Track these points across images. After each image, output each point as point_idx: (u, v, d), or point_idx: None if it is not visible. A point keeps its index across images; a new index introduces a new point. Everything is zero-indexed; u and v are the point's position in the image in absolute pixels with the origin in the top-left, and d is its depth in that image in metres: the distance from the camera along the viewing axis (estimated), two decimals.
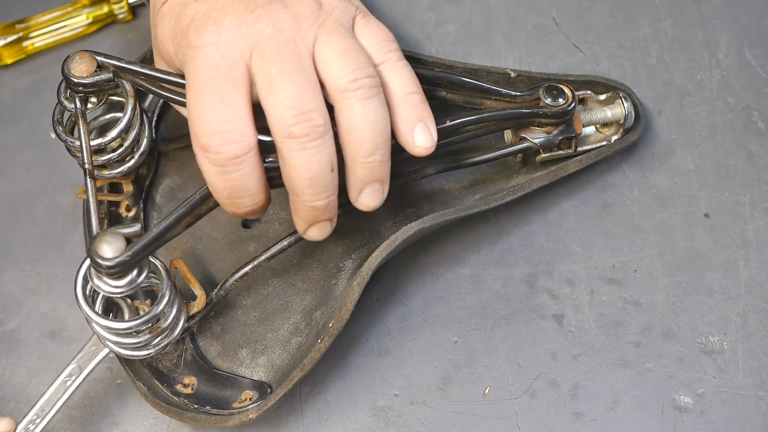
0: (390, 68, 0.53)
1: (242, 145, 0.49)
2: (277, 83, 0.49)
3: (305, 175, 0.50)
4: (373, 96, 0.51)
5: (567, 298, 0.61)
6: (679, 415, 0.57)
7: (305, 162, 0.50)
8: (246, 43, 0.50)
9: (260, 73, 0.50)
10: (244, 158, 0.50)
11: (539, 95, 0.59)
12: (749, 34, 0.67)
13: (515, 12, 0.69)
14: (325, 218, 0.53)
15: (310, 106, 0.49)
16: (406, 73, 0.53)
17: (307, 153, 0.49)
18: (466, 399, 0.58)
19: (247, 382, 0.58)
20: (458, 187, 0.63)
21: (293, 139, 0.49)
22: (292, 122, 0.49)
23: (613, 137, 0.63)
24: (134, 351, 0.55)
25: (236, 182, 0.50)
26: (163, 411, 0.56)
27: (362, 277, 0.55)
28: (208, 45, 0.50)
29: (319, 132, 0.50)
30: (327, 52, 0.51)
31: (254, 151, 0.50)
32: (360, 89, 0.50)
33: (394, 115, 0.53)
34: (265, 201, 0.52)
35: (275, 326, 0.59)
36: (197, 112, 0.50)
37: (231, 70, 0.50)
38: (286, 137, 0.49)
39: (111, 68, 0.56)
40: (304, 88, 0.50)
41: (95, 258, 0.49)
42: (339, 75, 0.50)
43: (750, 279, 0.61)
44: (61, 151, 0.61)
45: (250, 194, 0.51)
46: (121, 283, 0.51)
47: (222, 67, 0.50)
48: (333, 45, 0.51)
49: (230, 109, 0.49)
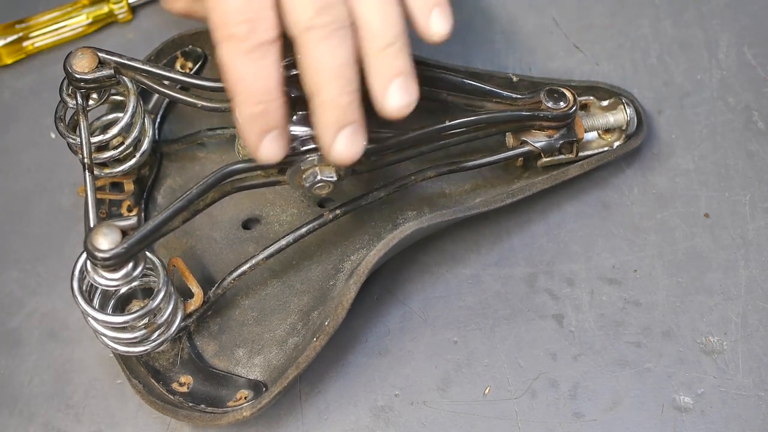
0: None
1: (271, 33, 0.48)
2: None
3: (331, 64, 0.48)
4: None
5: (567, 298, 0.61)
6: (679, 415, 0.57)
7: (331, 50, 0.48)
8: None
9: None
10: (271, 46, 0.48)
11: (540, 98, 0.59)
12: (749, 34, 0.67)
13: (515, 12, 0.69)
14: (353, 119, 0.49)
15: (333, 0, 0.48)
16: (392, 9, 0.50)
17: (332, 41, 0.48)
18: (466, 399, 0.58)
19: (242, 381, 0.58)
20: (459, 191, 0.63)
21: (316, 29, 0.48)
22: (313, 14, 0.48)
23: (615, 143, 0.63)
24: (130, 347, 0.55)
25: (260, 71, 0.48)
26: (158, 409, 0.56)
27: (359, 275, 0.55)
28: None
29: (342, 22, 0.48)
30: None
31: (279, 45, 0.49)
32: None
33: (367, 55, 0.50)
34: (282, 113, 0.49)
35: (272, 326, 0.59)
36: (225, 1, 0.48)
37: None
38: (309, 29, 0.48)
39: (112, 64, 0.56)
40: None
41: (91, 249, 0.50)
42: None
43: (750, 279, 0.61)
44: (61, 151, 0.61)
45: (269, 91, 0.49)
46: (116, 276, 0.51)
47: None
48: None
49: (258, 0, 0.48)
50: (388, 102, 0.50)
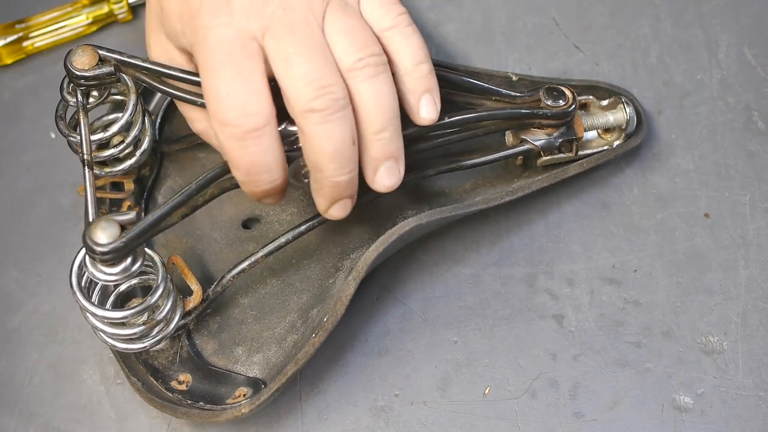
0: (400, 34, 0.53)
1: (261, 117, 0.49)
2: (294, 61, 0.50)
3: (328, 148, 0.50)
4: (379, 74, 0.51)
5: (567, 298, 0.61)
6: (679, 415, 0.57)
7: (328, 135, 0.50)
8: (258, 25, 0.50)
9: (275, 52, 0.50)
10: (263, 131, 0.50)
11: (539, 96, 0.59)
12: (749, 34, 0.67)
13: (515, 12, 0.69)
14: (348, 195, 0.53)
15: (330, 80, 0.50)
16: (416, 40, 0.53)
17: (330, 126, 0.50)
18: (466, 399, 0.58)
19: (241, 379, 0.58)
20: (459, 189, 0.63)
21: (315, 112, 0.49)
22: (312, 96, 0.49)
23: (615, 142, 0.63)
24: (128, 343, 0.55)
25: (255, 157, 0.50)
26: (156, 406, 0.56)
27: (357, 271, 0.55)
28: (222, 25, 0.50)
29: (340, 104, 0.50)
30: (332, 32, 0.51)
31: (273, 123, 0.50)
32: (366, 68, 0.50)
33: (401, 84, 0.53)
34: (282, 180, 0.52)
35: (272, 324, 0.59)
36: (215, 87, 0.50)
37: (246, 47, 0.50)
38: (308, 112, 0.49)
39: (113, 62, 0.56)
40: (320, 63, 0.50)
41: (90, 244, 0.50)
42: (344, 55, 0.51)
43: (750, 279, 0.61)
44: (61, 151, 0.61)
45: (269, 169, 0.51)
46: (114, 271, 0.51)
47: (237, 45, 0.50)
48: (338, 25, 0.51)
49: (248, 83, 0.49)
50: (376, 182, 0.53)
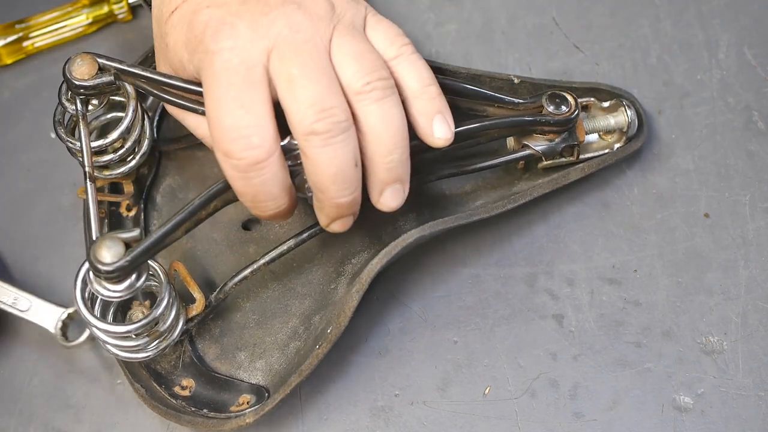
0: (405, 62, 0.53)
1: (263, 150, 0.49)
2: (298, 83, 0.49)
3: (330, 171, 0.50)
4: (387, 96, 0.51)
5: (567, 298, 0.61)
6: (679, 415, 0.57)
7: (329, 158, 0.50)
8: (263, 46, 0.50)
9: (280, 73, 0.50)
10: (265, 163, 0.49)
11: (542, 103, 0.59)
12: (749, 34, 0.67)
13: (515, 12, 0.69)
14: (349, 213, 0.53)
15: (332, 103, 0.49)
16: (421, 65, 0.54)
17: (331, 149, 0.49)
18: (466, 399, 0.58)
19: (244, 386, 0.58)
20: (460, 192, 0.63)
21: (316, 135, 0.49)
22: (314, 119, 0.49)
23: (616, 145, 0.62)
24: (133, 354, 0.55)
25: (259, 187, 0.50)
26: (161, 413, 0.56)
27: (361, 284, 0.55)
28: (226, 50, 0.50)
29: (341, 127, 0.50)
30: (340, 56, 0.51)
31: (276, 155, 0.50)
32: (374, 91, 0.50)
33: (411, 107, 0.53)
34: (289, 204, 0.52)
35: (274, 330, 0.59)
36: (218, 118, 0.49)
37: (250, 74, 0.50)
38: (309, 134, 0.49)
39: (112, 71, 0.55)
40: (324, 85, 0.50)
41: (94, 263, 0.49)
42: (353, 79, 0.50)
43: (750, 279, 0.61)
44: (61, 151, 0.61)
45: (274, 198, 0.51)
46: (119, 288, 0.51)
47: (241, 72, 0.49)
48: (346, 49, 0.51)
49: (250, 115, 0.49)
50: (380, 203, 0.53)
